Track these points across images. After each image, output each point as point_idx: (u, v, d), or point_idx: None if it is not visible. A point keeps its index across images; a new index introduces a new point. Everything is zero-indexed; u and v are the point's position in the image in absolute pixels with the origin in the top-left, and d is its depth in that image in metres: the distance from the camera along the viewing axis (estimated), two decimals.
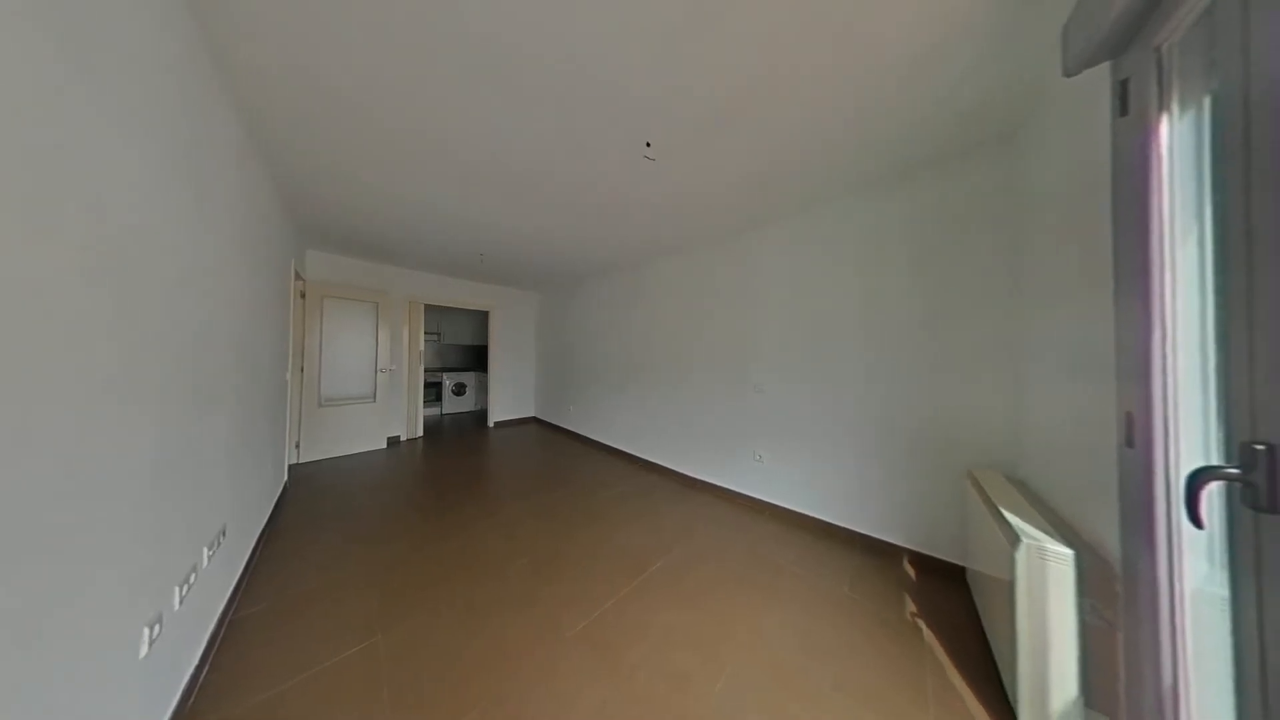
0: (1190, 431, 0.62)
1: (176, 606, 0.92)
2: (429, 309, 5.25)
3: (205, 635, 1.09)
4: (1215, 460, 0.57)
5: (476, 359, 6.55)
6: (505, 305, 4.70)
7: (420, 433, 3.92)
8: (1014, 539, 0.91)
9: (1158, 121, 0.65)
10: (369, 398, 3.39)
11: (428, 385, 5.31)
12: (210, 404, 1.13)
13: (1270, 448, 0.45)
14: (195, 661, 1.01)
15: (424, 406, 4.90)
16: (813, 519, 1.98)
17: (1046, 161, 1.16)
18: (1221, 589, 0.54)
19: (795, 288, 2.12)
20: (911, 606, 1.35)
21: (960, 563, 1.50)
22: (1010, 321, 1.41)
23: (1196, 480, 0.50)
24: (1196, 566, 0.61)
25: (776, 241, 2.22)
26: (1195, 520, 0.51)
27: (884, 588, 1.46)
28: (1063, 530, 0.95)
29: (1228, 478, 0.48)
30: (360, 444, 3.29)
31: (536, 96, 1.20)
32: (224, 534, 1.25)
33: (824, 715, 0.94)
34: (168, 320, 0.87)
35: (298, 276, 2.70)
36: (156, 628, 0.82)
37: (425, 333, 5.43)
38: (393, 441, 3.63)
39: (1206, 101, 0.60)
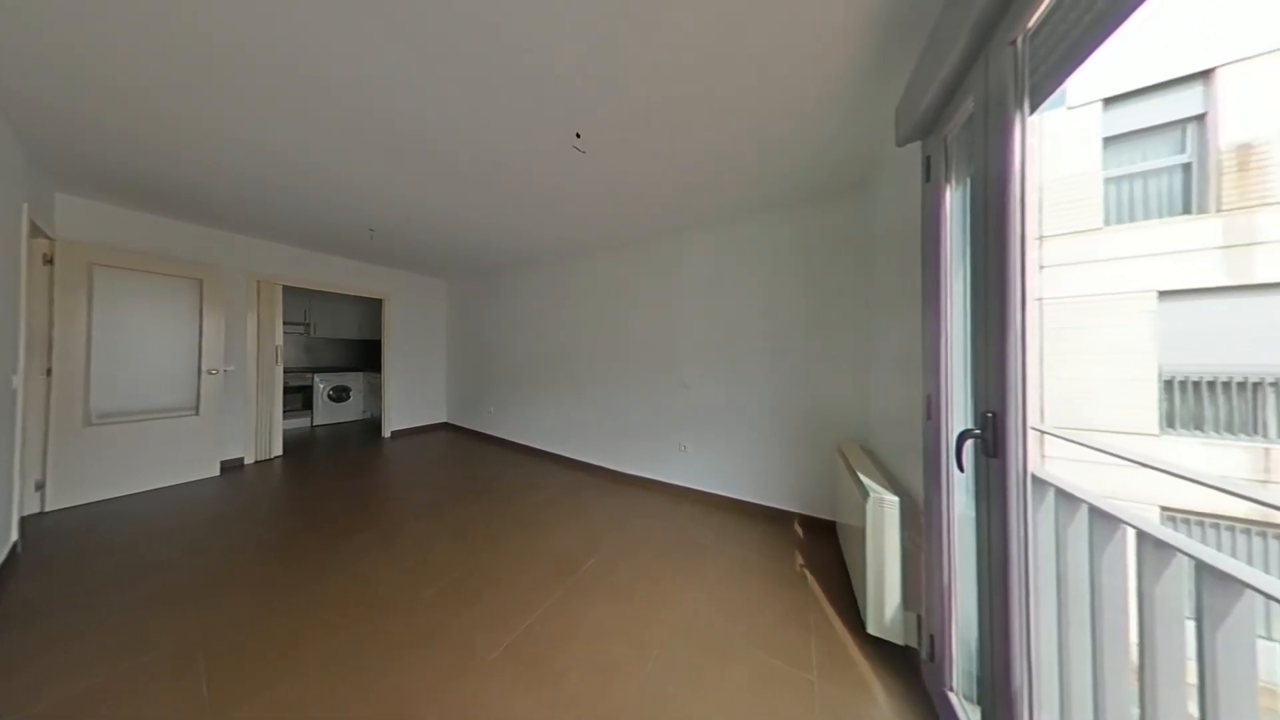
0: (959, 406, 0.90)
1: None
2: (292, 292, 4.15)
3: None
4: (970, 425, 0.84)
5: (365, 356, 5.46)
6: (406, 293, 4.01)
7: (279, 451, 3.09)
8: (865, 494, 1.19)
9: (944, 190, 0.92)
10: (187, 409, 2.52)
11: (292, 390, 4.22)
12: None
13: (993, 415, 0.69)
14: None
15: (285, 417, 3.89)
16: (729, 499, 2.23)
17: (885, 208, 1.53)
18: (971, 511, 0.81)
19: (714, 291, 2.34)
20: (800, 560, 1.65)
21: (832, 518, 1.89)
22: (864, 328, 1.82)
23: (961, 439, 0.73)
24: (960, 498, 0.90)
25: (700, 248, 2.41)
26: (960, 466, 0.75)
27: (782, 549, 1.75)
28: (893, 483, 1.28)
29: (974, 436, 0.72)
30: (173, 474, 2.42)
31: (446, 57, 1.06)
32: None
33: (736, 668, 1.08)
34: None
35: (38, 232, 1.83)
36: None
37: (287, 323, 4.31)
38: (232, 466, 2.77)
39: (969, 181, 0.88)
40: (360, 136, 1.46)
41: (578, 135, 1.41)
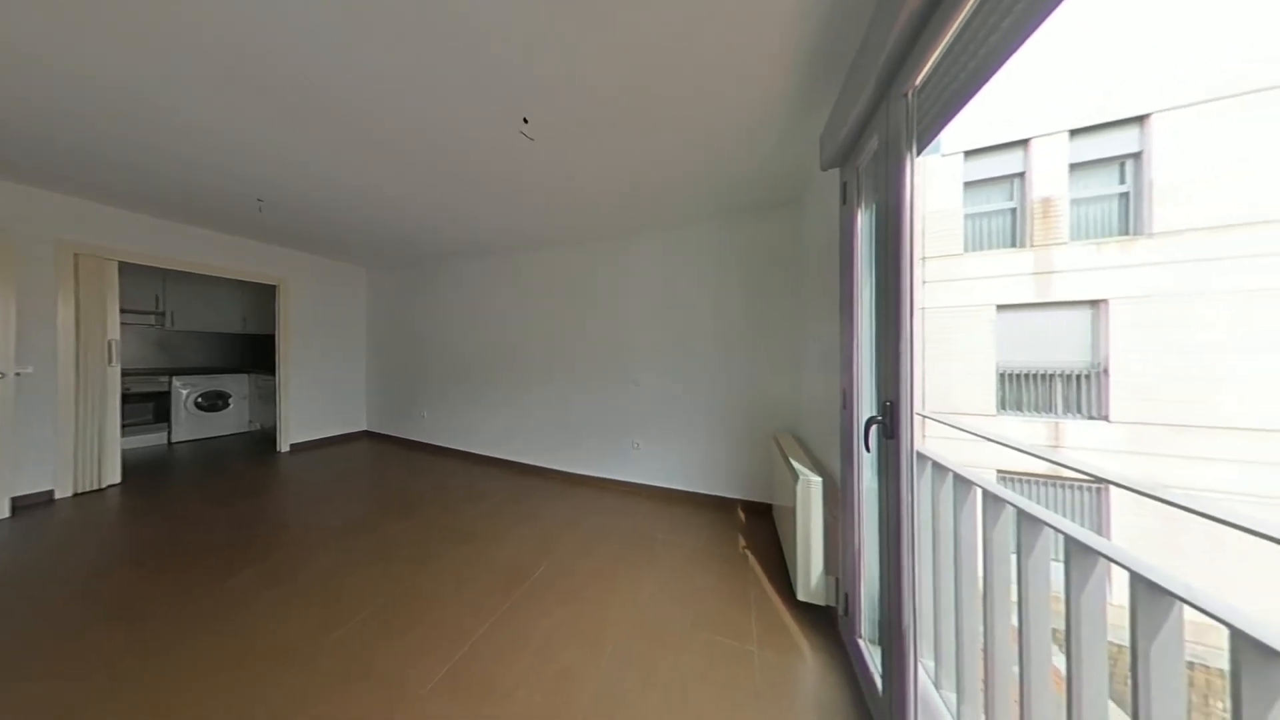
0: (867, 397, 1.06)
1: None
2: (138, 272, 3.23)
3: None
4: (875, 412, 1.00)
5: (252, 354, 4.52)
6: (310, 279, 3.40)
7: (114, 478, 2.39)
8: (795, 477, 1.34)
9: (856, 213, 1.07)
10: None
11: (138, 398, 3.30)
12: None
13: (891, 403, 0.82)
14: None
15: (127, 433, 3.05)
16: (679, 491, 2.33)
17: (812, 223, 1.73)
18: (874, 485, 0.96)
19: (665, 292, 2.42)
20: (742, 543, 1.79)
21: (768, 501, 2.09)
22: (796, 330, 2.04)
23: (868, 425, 0.87)
24: (867, 475, 1.06)
25: (651, 248, 2.46)
26: (867, 447, 0.89)
27: (726, 533, 1.88)
28: (818, 466, 1.46)
29: (878, 422, 0.86)
30: None
31: (370, 11, 0.92)
32: None
33: (687, 651, 1.14)
34: None
35: None
36: None
37: (129, 311, 3.35)
38: (34, 502, 2.10)
39: (875, 207, 1.04)
40: (244, 84, 1.19)
41: (525, 120, 1.33)
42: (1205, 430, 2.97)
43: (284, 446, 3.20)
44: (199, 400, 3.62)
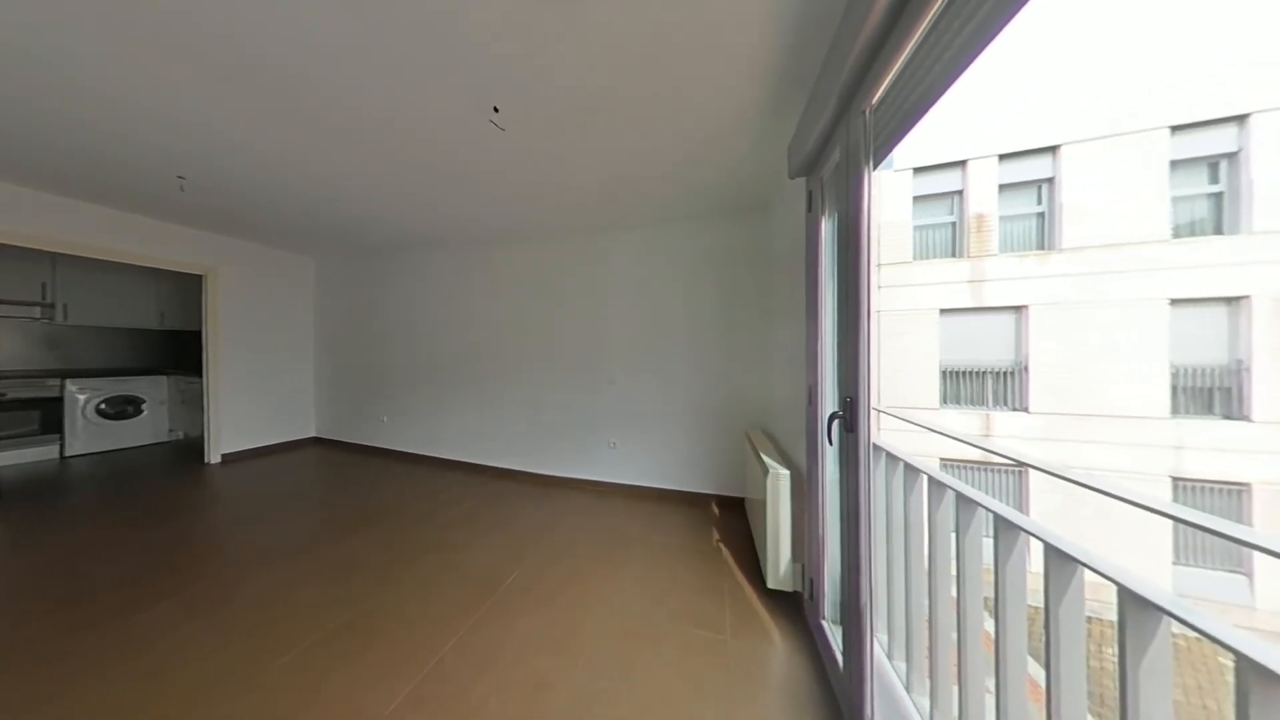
0: (830, 394, 1.13)
1: None
2: (13, 255, 2.76)
3: None
4: (837, 408, 1.07)
5: (173, 353, 4.00)
6: (246, 269, 3.05)
7: None
8: (765, 471, 1.40)
9: (821, 220, 1.14)
10: None
11: (21, 405, 2.82)
12: None
13: (851, 399, 0.89)
14: None
15: (3, 446, 2.60)
16: (656, 489, 2.35)
17: (781, 229, 1.82)
18: (837, 475, 1.02)
19: (640, 290, 2.43)
20: (716, 536, 1.84)
21: (742, 495, 2.17)
22: (766, 331, 2.13)
23: (831, 419, 0.93)
24: (830, 467, 1.14)
25: (626, 246, 2.46)
26: (830, 441, 0.94)
27: (701, 528, 1.92)
28: (786, 460, 1.53)
29: (839, 417, 0.92)
30: None
31: None
32: None
33: (663, 646, 1.16)
34: None
35: None
36: None
37: (3, 302, 2.82)
38: None
39: (836, 215, 1.11)
40: (155, 39, 1.04)
41: (495, 110, 1.28)
42: (1102, 419, 3.47)
43: (213, 457, 2.84)
44: (102, 406, 3.12)
